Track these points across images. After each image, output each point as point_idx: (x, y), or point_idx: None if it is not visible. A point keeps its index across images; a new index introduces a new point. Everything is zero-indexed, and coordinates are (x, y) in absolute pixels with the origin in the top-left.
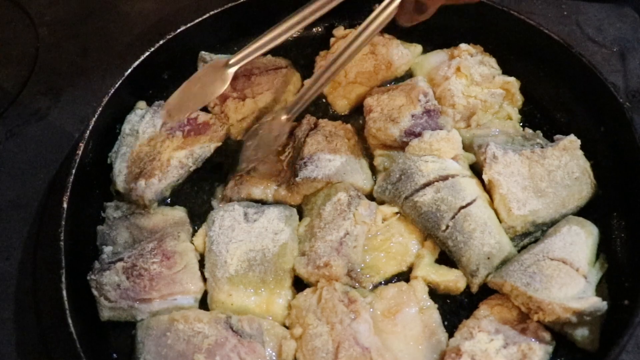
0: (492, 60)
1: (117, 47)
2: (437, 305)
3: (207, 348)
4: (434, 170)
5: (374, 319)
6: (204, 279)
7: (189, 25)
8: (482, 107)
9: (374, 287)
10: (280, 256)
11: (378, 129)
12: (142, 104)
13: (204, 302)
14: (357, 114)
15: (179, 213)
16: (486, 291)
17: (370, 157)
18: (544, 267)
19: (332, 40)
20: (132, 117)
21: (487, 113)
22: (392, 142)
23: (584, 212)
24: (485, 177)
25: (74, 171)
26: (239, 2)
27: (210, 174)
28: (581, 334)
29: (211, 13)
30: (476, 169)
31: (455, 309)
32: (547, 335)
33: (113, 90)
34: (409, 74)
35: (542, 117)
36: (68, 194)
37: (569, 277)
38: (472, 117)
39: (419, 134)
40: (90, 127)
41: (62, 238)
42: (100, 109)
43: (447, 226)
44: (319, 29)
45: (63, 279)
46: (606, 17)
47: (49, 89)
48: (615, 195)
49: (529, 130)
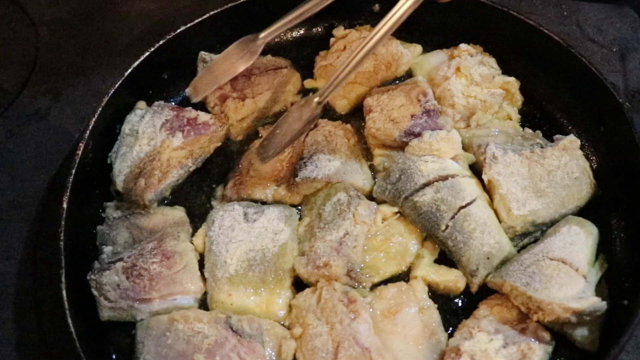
0: (492, 60)
1: (117, 47)
2: (437, 305)
3: (207, 348)
4: (434, 170)
5: (373, 319)
6: (204, 279)
7: (189, 25)
8: (481, 107)
9: (373, 287)
10: (280, 256)
11: (378, 129)
12: (142, 104)
13: (204, 302)
14: (357, 114)
15: (178, 213)
16: (486, 291)
17: (370, 157)
18: (544, 267)
19: (332, 40)
20: (132, 117)
21: (487, 113)
22: (391, 142)
23: (584, 212)
24: (485, 177)
25: (74, 171)
26: (239, 2)
27: (210, 174)
28: (581, 333)
29: (211, 13)
30: (476, 169)
31: (455, 309)
32: (546, 335)
33: (113, 90)
34: (409, 74)
35: (542, 117)
36: (68, 194)
37: (568, 277)
38: (471, 117)
39: (418, 134)
40: (90, 127)
41: (62, 238)
42: (100, 109)
43: (447, 226)
44: (319, 29)
45: (63, 279)
46: (606, 17)
47: (49, 89)
48: (615, 195)
49: (529, 130)
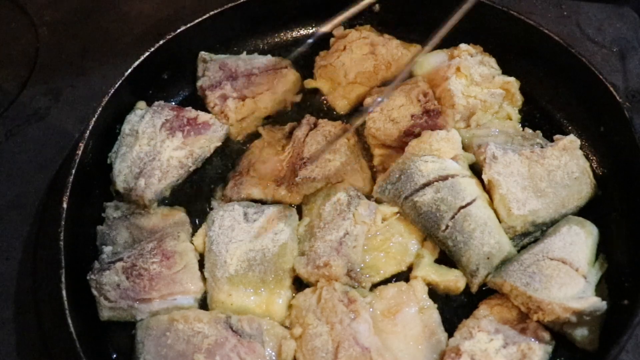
0: (492, 60)
1: (117, 47)
2: (437, 305)
3: (207, 348)
4: (434, 170)
5: (373, 319)
6: (204, 279)
7: (189, 25)
8: (481, 107)
9: (373, 287)
10: (280, 256)
11: (378, 129)
12: (142, 104)
13: (204, 302)
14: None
15: (178, 213)
16: (486, 291)
17: (370, 157)
18: (544, 267)
19: (332, 40)
20: (132, 117)
21: (487, 113)
22: (392, 142)
23: (584, 212)
24: (485, 177)
25: (74, 171)
26: (238, 2)
27: (210, 174)
28: (581, 333)
29: (211, 13)
30: (476, 169)
31: (455, 309)
32: (546, 335)
33: (113, 90)
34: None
35: (542, 117)
36: (68, 194)
37: (568, 277)
38: (471, 117)
39: (418, 134)
40: (90, 127)
41: (62, 238)
42: (100, 109)
43: (447, 226)
44: (319, 29)
45: (63, 279)
46: (606, 17)
47: (49, 89)
48: (615, 195)
49: (529, 130)
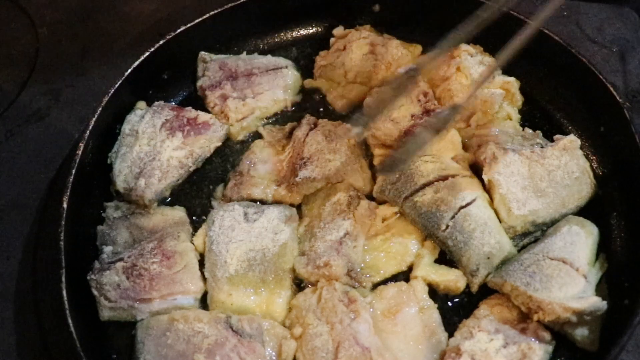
0: (492, 60)
1: (117, 47)
2: (437, 305)
3: (207, 348)
4: (434, 170)
5: (374, 319)
6: (204, 279)
7: (189, 25)
8: (481, 107)
9: (374, 287)
10: (280, 256)
11: (378, 129)
12: (142, 104)
13: (204, 302)
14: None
15: (179, 213)
16: (486, 291)
17: (370, 157)
18: (544, 267)
19: (332, 40)
20: (132, 117)
21: (487, 113)
22: (392, 142)
23: (584, 212)
24: (485, 177)
25: (74, 171)
26: (239, 2)
27: (210, 174)
28: (581, 333)
29: (211, 13)
30: (476, 169)
31: (455, 309)
32: (547, 335)
33: (113, 90)
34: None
35: (542, 117)
36: (68, 194)
37: (568, 276)
38: (472, 117)
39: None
40: (90, 127)
41: (62, 238)
42: (100, 109)
43: (447, 226)
44: (319, 29)
45: (63, 279)
46: (606, 18)
47: (49, 89)
48: (615, 195)
49: (529, 130)
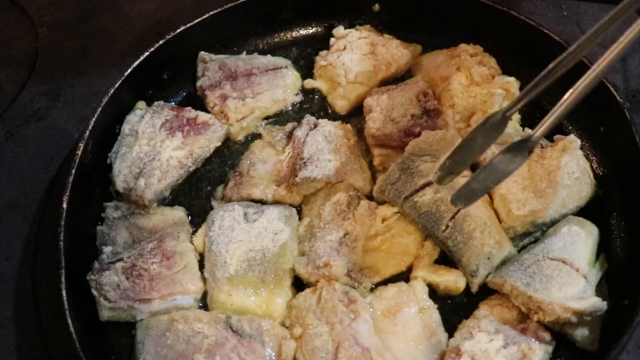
0: (492, 60)
1: (117, 47)
2: (437, 305)
3: (206, 348)
4: (434, 170)
5: (373, 319)
6: (204, 279)
7: (189, 25)
8: (481, 107)
9: (373, 287)
10: (280, 256)
11: (378, 129)
12: (142, 104)
13: (204, 302)
14: (357, 114)
15: (178, 213)
16: (486, 291)
17: (370, 157)
18: (544, 267)
19: (332, 40)
20: (132, 117)
21: (487, 113)
22: (392, 142)
23: (584, 212)
24: None
25: (73, 171)
26: (238, 2)
27: (210, 174)
28: (581, 334)
29: (211, 13)
30: (476, 169)
31: (455, 309)
32: (547, 335)
33: (113, 90)
34: (409, 74)
35: (542, 117)
36: (68, 194)
37: (569, 277)
38: (472, 117)
39: (418, 134)
40: (90, 127)
41: (62, 238)
42: (100, 109)
43: (447, 226)
44: (319, 29)
45: (63, 279)
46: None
47: (48, 89)
48: (615, 195)
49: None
